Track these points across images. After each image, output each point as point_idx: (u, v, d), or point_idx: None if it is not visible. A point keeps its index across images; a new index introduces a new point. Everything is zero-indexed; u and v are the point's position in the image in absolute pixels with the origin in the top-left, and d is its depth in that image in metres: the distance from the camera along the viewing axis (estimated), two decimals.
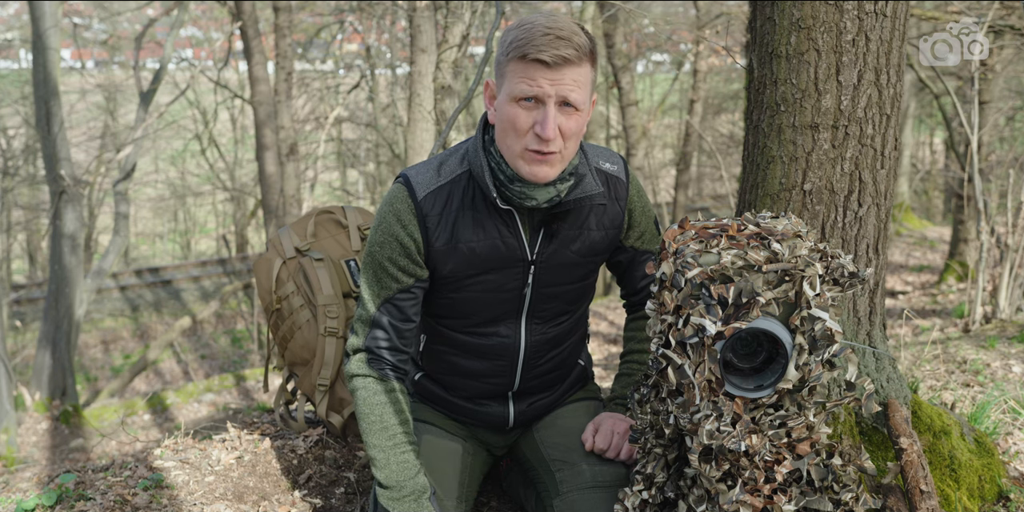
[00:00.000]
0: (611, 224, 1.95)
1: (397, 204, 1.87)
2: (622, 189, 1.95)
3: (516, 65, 1.72)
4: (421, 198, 1.85)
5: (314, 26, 16.26)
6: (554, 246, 1.90)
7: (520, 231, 1.88)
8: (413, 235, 1.86)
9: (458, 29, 4.69)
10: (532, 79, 1.70)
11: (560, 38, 1.68)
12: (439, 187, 1.86)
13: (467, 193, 1.86)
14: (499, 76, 1.77)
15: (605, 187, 1.93)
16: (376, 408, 1.91)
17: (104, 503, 2.19)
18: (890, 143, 2.00)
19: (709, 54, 13.01)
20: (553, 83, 1.70)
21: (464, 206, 1.86)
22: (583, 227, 1.91)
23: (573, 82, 1.71)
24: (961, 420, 2.23)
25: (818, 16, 1.91)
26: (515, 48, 1.71)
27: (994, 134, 11.33)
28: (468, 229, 1.86)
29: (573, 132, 1.75)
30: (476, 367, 2.02)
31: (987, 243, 4.99)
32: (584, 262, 1.96)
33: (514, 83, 1.72)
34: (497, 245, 1.87)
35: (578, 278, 1.97)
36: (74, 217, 8.80)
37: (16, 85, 17.18)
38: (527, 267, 1.90)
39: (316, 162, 15.26)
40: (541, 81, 1.70)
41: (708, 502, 1.63)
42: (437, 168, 1.89)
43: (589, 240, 1.93)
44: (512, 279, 1.91)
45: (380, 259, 1.89)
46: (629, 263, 2.06)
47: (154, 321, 16.54)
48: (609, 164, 1.95)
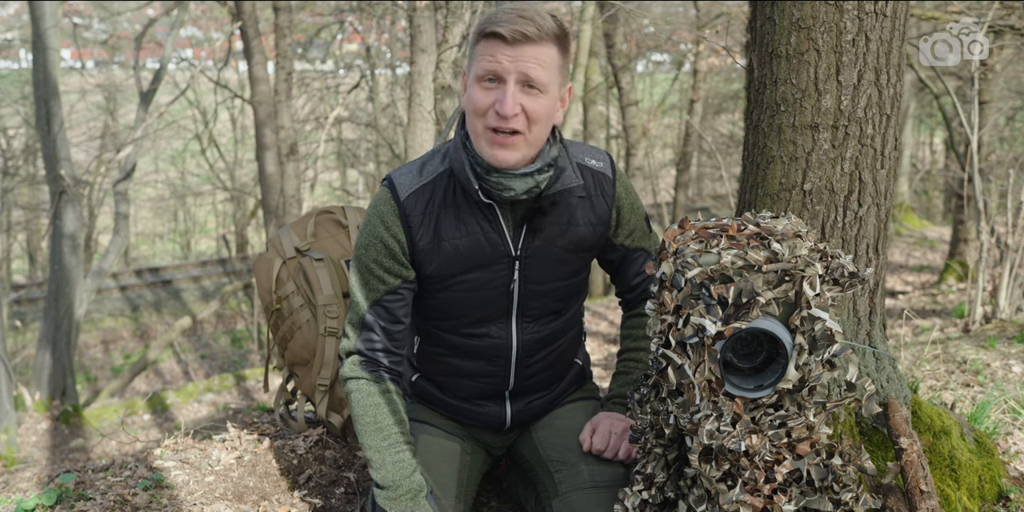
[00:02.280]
0: (598, 220, 1.95)
1: (381, 206, 1.88)
2: (608, 185, 1.95)
3: (480, 45, 1.75)
4: (404, 198, 1.87)
5: (314, 26, 16.27)
6: (539, 241, 1.90)
7: (502, 226, 1.88)
8: (397, 236, 1.87)
9: (458, 29, 4.69)
10: (492, 56, 1.72)
11: (522, 17, 1.70)
12: (421, 186, 1.88)
13: (448, 190, 1.87)
14: (470, 59, 1.80)
15: (590, 183, 1.93)
16: (371, 409, 1.92)
17: (104, 503, 2.19)
18: (890, 143, 2.00)
19: (709, 54, 13.00)
20: (512, 60, 1.71)
21: (446, 203, 1.87)
22: (569, 223, 1.92)
23: (534, 59, 1.72)
24: (961, 420, 2.23)
25: (818, 16, 1.91)
26: (479, 27, 1.74)
27: (994, 134, 11.33)
28: (451, 226, 1.87)
29: (539, 115, 1.75)
30: (470, 367, 2.02)
31: (987, 243, 4.99)
32: (572, 258, 1.96)
33: (476, 63, 1.75)
34: (480, 241, 1.87)
35: (567, 275, 1.97)
36: (74, 217, 8.80)
37: (16, 85, 17.19)
38: (512, 263, 1.91)
39: (316, 162, 15.26)
40: (500, 57, 1.71)
41: (708, 502, 1.63)
42: (419, 168, 1.91)
43: (576, 235, 1.93)
44: (498, 275, 1.91)
45: (366, 261, 1.90)
46: (621, 261, 2.06)
47: (154, 321, 16.54)
48: (595, 161, 1.96)
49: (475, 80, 1.76)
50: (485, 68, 1.72)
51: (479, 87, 1.75)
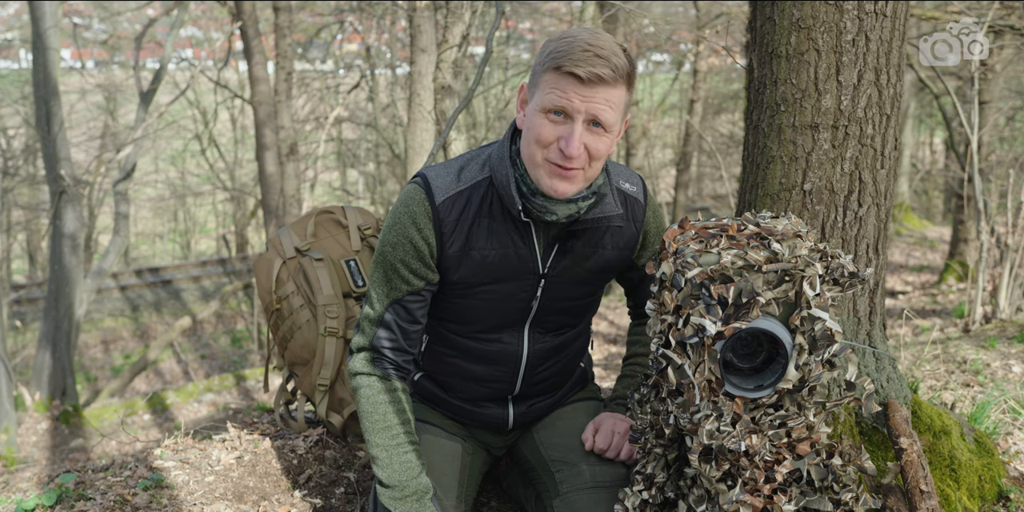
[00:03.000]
0: (625, 245, 1.95)
1: (414, 206, 1.84)
2: (639, 210, 1.95)
3: (550, 76, 1.69)
4: (439, 202, 1.83)
5: (314, 26, 16.26)
6: (567, 262, 1.90)
7: (535, 244, 1.87)
8: (428, 239, 1.84)
9: (458, 29, 4.69)
10: (563, 92, 1.68)
11: (599, 56, 1.66)
12: (458, 192, 1.84)
13: (485, 201, 1.84)
14: (532, 85, 1.76)
15: (623, 208, 1.91)
16: (379, 407, 1.91)
17: (104, 503, 2.19)
18: (890, 143, 2.00)
19: (709, 54, 13.00)
20: (584, 99, 1.68)
21: (481, 214, 1.84)
22: (598, 246, 1.91)
23: (605, 102, 1.69)
24: (961, 420, 2.23)
25: (818, 16, 1.91)
26: (552, 59, 1.68)
27: (994, 134, 11.33)
28: (483, 237, 1.84)
29: (600, 154, 1.73)
30: (477, 371, 2.02)
31: (987, 243, 4.99)
32: (594, 279, 1.96)
33: (545, 93, 1.70)
34: (510, 255, 1.86)
35: (586, 294, 1.98)
36: (74, 217, 8.80)
37: (16, 85, 17.19)
38: (538, 280, 1.90)
39: (316, 162, 15.26)
40: (572, 95, 1.68)
41: (708, 502, 1.63)
42: (457, 173, 1.87)
43: (603, 259, 1.93)
44: (522, 291, 1.91)
45: (392, 260, 1.87)
46: (640, 280, 2.07)
47: (154, 321, 16.54)
48: (629, 185, 1.94)
49: (540, 110, 1.72)
50: (555, 103, 1.69)
51: (544, 118, 1.71)
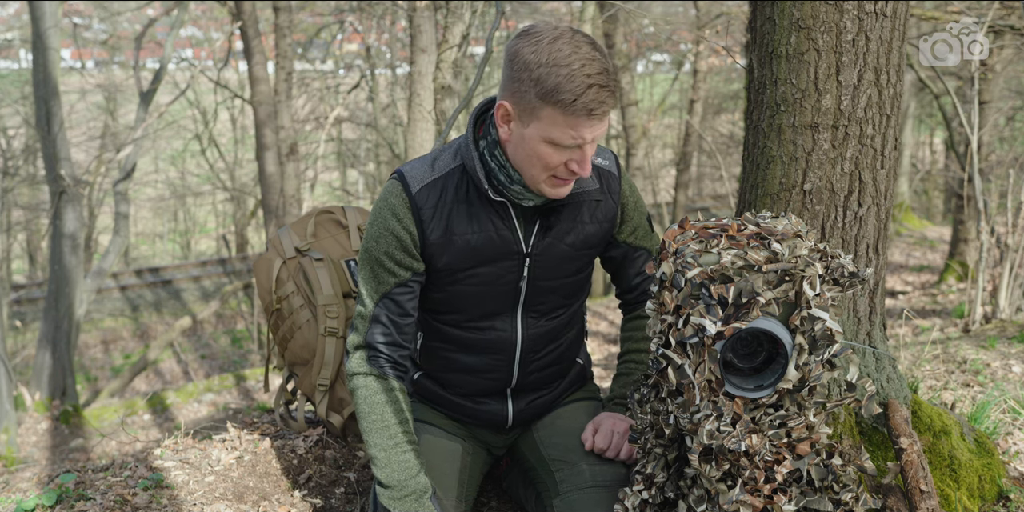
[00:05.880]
0: (604, 217, 1.97)
1: (392, 199, 1.88)
2: (615, 183, 1.98)
3: (555, 111, 1.68)
4: (415, 191, 1.86)
5: (314, 26, 16.26)
6: (549, 239, 1.91)
7: (515, 223, 1.89)
8: (408, 228, 1.87)
9: (458, 29, 4.69)
10: (575, 130, 1.70)
11: (603, 87, 1.67)
12: (433, 181, 1.88)
13: (461, 186, 1.87)
14: (527, 111, 1.72)
15: (599, 182, 1.95)
16: (376, 407, 1.92)
17: (104, 503, 2.19)
18: (890, 143, 2.00)
19: (709, 54, 13.01)
20: (594, 130, 1.71)
21: (458, 199, 1.87)
22: (577, 220, 1.93)
23: (607, 123, 1.74)
24: (961, 420, 2.23)
25: (818, 16, 1.91)
26: (554, 94, 1.66)
27: (994, 134, 11.33)
28: (463, 222, 1.87)
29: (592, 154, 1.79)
30: (474, 362, 2.02)
31: (987, 243, 4.99)
32: (579, 255, 1.97)
33: (553, 130, 1.70)
34: (492, 237, 1.88)
35: (573, 271, 1.99)
36: (74, 217, 8.80)
37: (16, 85, 17.18)
38: (522, 260, 1.92)
39: (316, 162, 15.26)
40: (584, 132, 1.70)
41: (708, 502, 1.63)
42: (431, 163, 1.91)
43: (584, 233, 1.95)
44: (508, 272, 1.92)
45: (376, 254, 1.90)
46: (623, 259, 2.07)
47: (154, 321, 16.54)
48: (601, 159, 1.98)
49: (545, 141, 1.72)
50: (571, 143, 1.71)
51: (550, 148, 1.73)
